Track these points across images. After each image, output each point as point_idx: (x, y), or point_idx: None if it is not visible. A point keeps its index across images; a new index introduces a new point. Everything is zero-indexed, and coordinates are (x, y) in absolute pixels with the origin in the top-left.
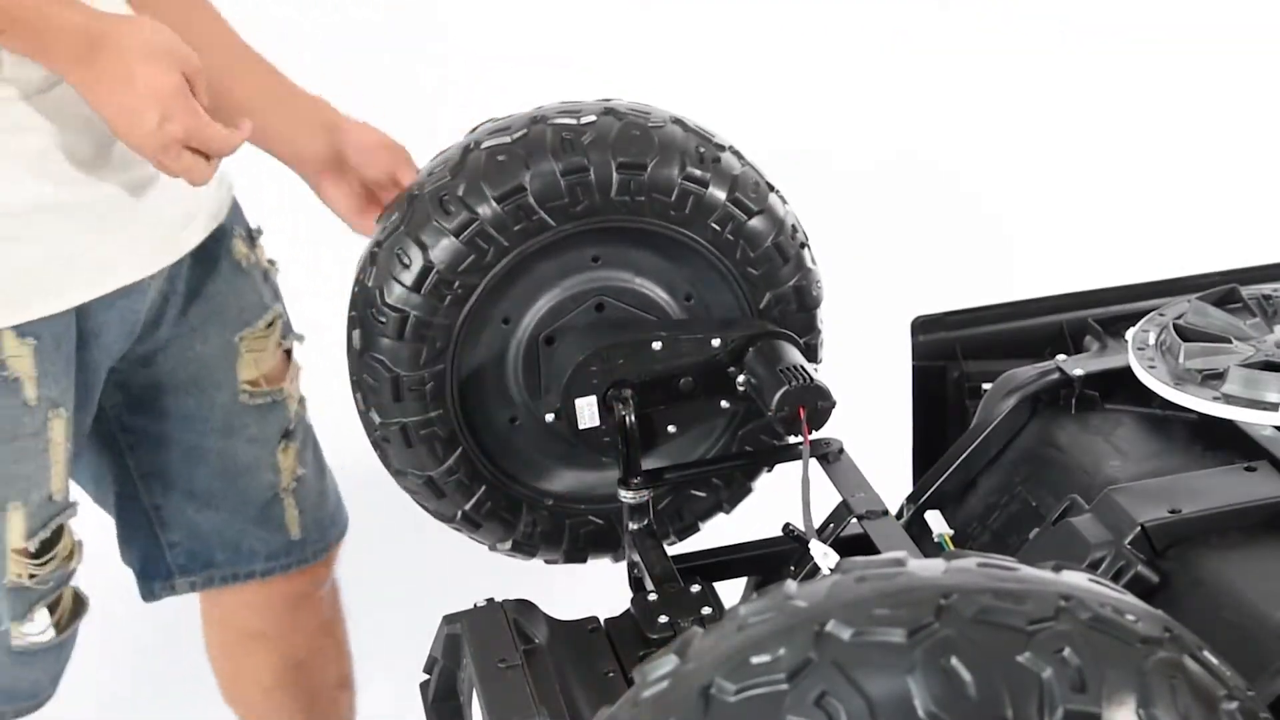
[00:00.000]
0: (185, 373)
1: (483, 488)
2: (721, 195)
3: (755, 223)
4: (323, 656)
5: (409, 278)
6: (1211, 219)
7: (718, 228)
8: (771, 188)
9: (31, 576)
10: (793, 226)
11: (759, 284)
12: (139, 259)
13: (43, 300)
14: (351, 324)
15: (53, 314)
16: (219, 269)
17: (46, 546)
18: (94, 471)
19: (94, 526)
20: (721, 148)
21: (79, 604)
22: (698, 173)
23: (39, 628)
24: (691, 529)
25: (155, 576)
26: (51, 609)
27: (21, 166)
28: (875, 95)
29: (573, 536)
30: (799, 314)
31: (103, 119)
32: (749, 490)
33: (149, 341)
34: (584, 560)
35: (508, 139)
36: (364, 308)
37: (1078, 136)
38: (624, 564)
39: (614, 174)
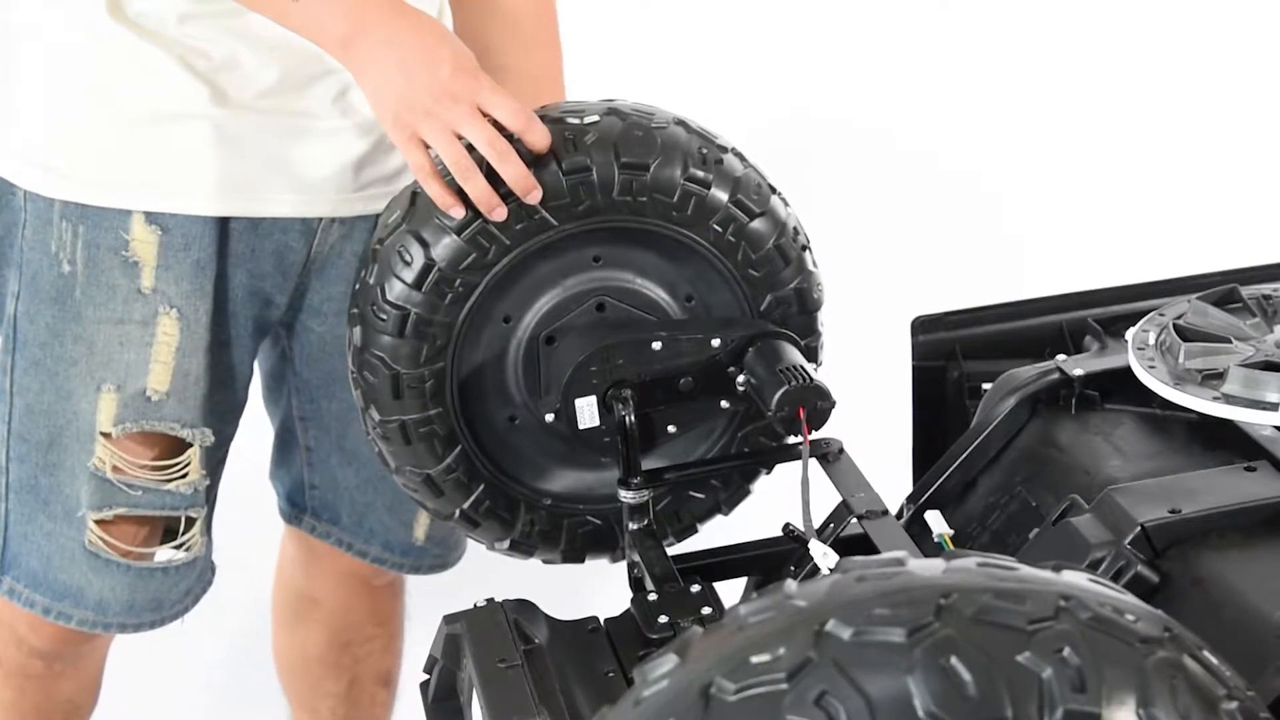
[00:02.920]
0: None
1: (481, 486)
2: (724, 197)
3: (757, 225)
4: (370, 645)
5: (410, 275)
6: (1211, 219)
7: (719, 229)
8: (774, 190)
9: (116, 471)
10: (794, 229)
11: (760, 286)
12: (291, 199)
13: (176, 198)
14: (352, 321)
15: (183, 213)
16: None
17: (158, 455)
18: (272, 396)
19: None
20: (724, 149)
21: (190, 552)
22: (700, 174)
23: (125, 540)
24: (690, 530)
25: (294, 504)
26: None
27: (193, 77)
28: (875, 94)
29: (570, 536)
30: (800, 316)
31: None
32: (747, 492)
33: (316, 294)
34: (581, 560)
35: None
36: (365, 305)
37: (1078, 136)
38: (624, 564)
39: (616, 174)
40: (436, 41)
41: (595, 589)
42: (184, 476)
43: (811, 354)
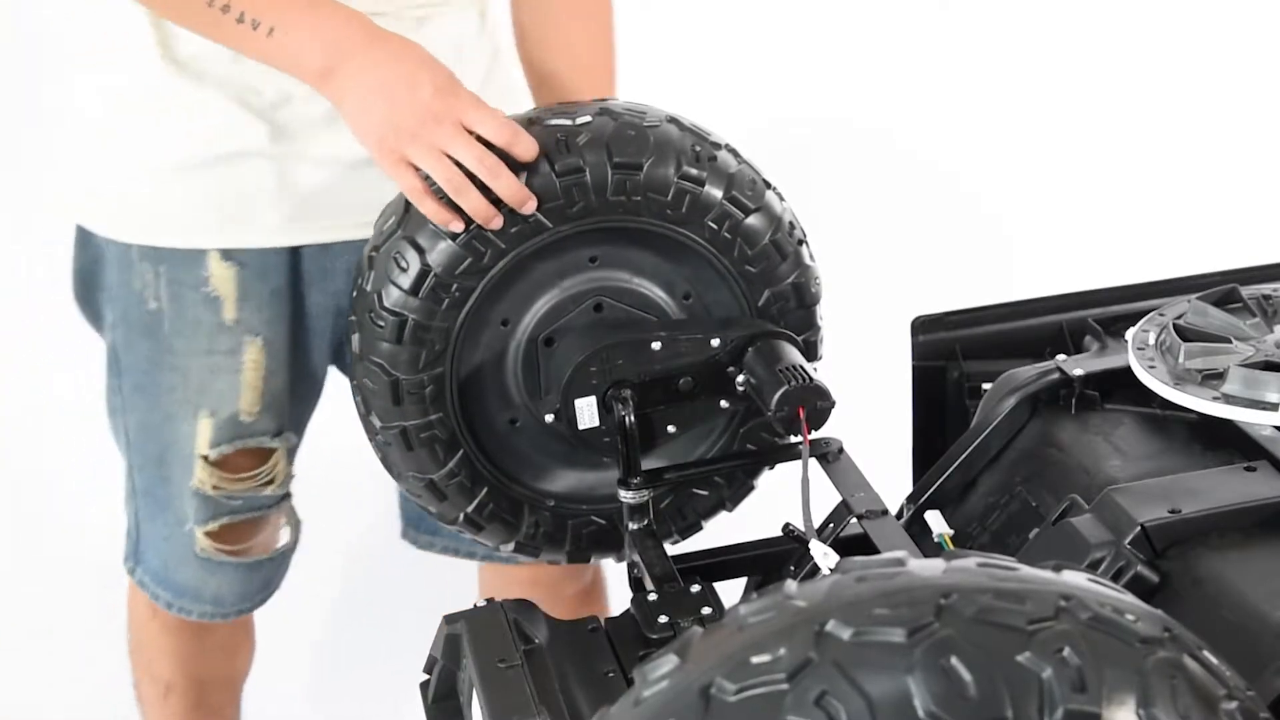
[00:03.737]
0: None
1: (484, 490)
2: (718, 194)
3: (752, 220)
4: None
5: (406, 281)
6: (1211, 219)
7: (715, 226)
8: (768, 185)
9: (215, 488)
10: (790, 223)
11: (757, 281)
12: (358, 221)
13: (247, 232)
14: (350, 328)
15: (256, 247)
16: None
17: (244, 465)
18: None
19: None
20: (718, 146)
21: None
22: (694, 171)
23: (232, 541)
24: (695, 527)
25: (405, 518)
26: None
27: (250, 115)
28: (874, 94)
29: (575, 537)
30: (798, 311)
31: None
32: (751, 488)
33: None
34: (587, 560)
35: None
36: (363, 312)
37: (1078, 136)
38: (624, 564)
39: (610, 174)
40: (415, 64)
41: None
42: (272, 481)
43: (811, 348)
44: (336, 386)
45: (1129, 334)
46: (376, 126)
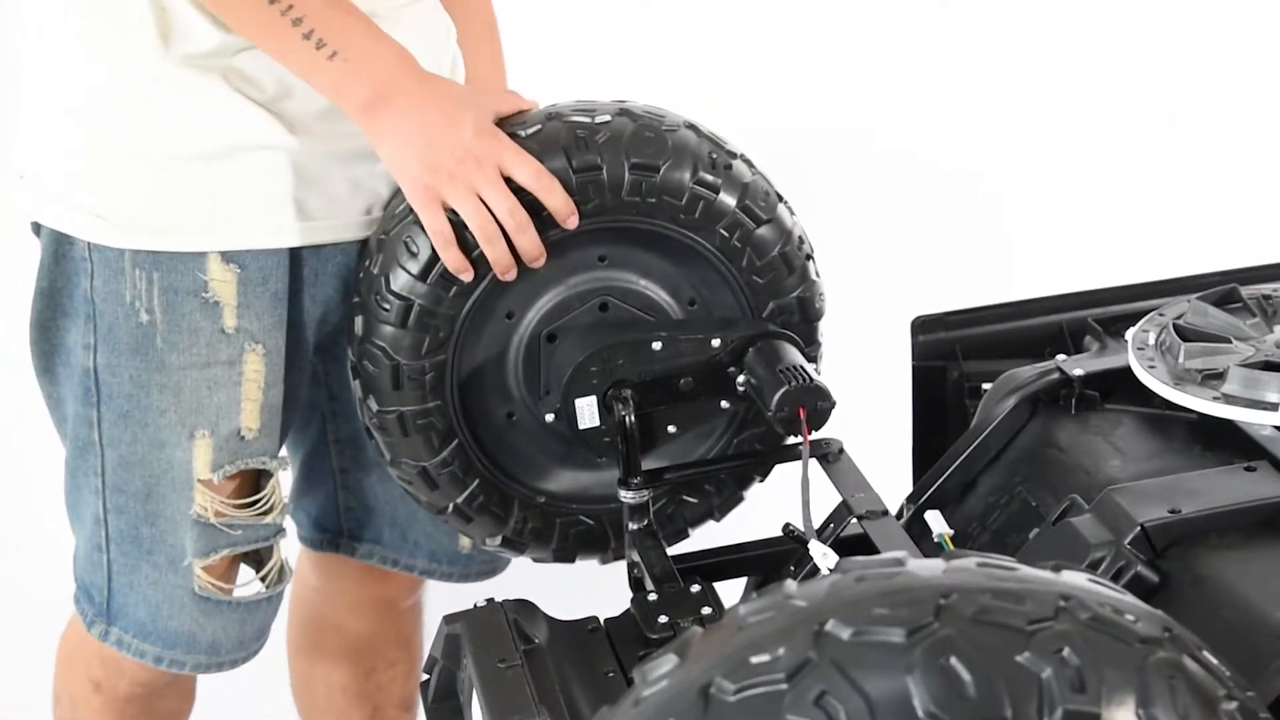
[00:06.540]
0: None
1: (476, 481)
2: (732, 202)
3: (763, 231)
4: (393, 671)
5: (416, 266)
6: (1211, 219)
7: (726, 234)
8: (780, 198)
9: (218, 515)
10: (800, 238)
11: (763, 292)
12: (360, 221)
13: (251, 234)
14: (354, 310)
15: (260, 249)
16: None
17: (242, 491)
18: (298, 424)
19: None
20: (733, 155)
21: (281, 574)
22: (709, 178)
23: (227, 579)
24: (681, 535)
25: (326, 529)
26: (255, 566)
27: (253, 106)
28: (875, 94)
29: (562, 536)
30: (801, 325)
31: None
32: (741, 499)
33: None
34: (572, 560)
35: (521, 134)
36: (368, 294)
37: (1077, 136)
38: (623, 564)
39: (626, 174)
40: (458, 105)
41: (595, 589)
42: (272, 508)
43: (811, 363)
44: None
45: (1129, 334)
46: (413, 164)
